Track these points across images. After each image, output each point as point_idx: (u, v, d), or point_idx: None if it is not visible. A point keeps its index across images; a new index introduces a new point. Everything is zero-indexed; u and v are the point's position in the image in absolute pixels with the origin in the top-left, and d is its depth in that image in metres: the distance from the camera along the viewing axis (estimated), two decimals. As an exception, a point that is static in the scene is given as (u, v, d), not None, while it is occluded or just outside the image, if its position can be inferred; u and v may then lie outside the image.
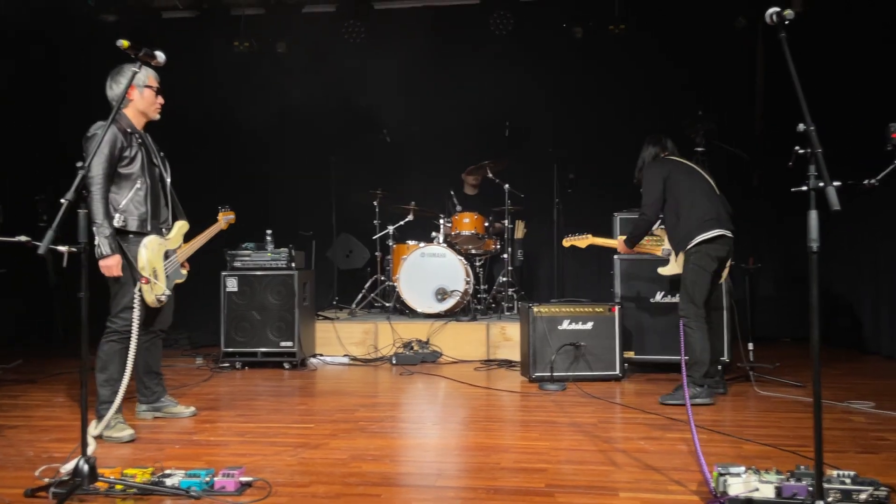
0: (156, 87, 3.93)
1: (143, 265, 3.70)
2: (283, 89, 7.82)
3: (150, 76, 3.89)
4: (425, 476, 3.07)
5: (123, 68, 3.76)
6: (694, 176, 4.68)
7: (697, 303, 4.45)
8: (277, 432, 3.82)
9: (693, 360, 4.42)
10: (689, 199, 4.54)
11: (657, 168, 4.70)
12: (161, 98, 3.96)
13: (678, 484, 2.88)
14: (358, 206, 7.58)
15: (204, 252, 4.33)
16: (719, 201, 4.61)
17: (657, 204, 4.64)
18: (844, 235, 6.78)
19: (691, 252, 4.49)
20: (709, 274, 4.46)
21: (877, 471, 2.98)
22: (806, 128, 2.19)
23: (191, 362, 6.24)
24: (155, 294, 3.77)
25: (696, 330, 4.44)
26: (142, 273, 3.69)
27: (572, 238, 5.25)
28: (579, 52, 7.63)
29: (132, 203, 3.75)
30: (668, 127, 7.16)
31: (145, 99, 3.88)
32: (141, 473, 2.83)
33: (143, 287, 3.68)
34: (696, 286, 4.45)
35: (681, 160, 4.75)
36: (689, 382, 4.34)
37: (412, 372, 5.68)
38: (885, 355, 6.07)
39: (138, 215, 3.76)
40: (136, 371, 4.08)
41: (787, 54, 2.35)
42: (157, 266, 3.80)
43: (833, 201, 2.06)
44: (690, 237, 4.47)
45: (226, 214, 4.65)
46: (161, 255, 3.86)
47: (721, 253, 4.48)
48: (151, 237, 3.79)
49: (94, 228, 3.54)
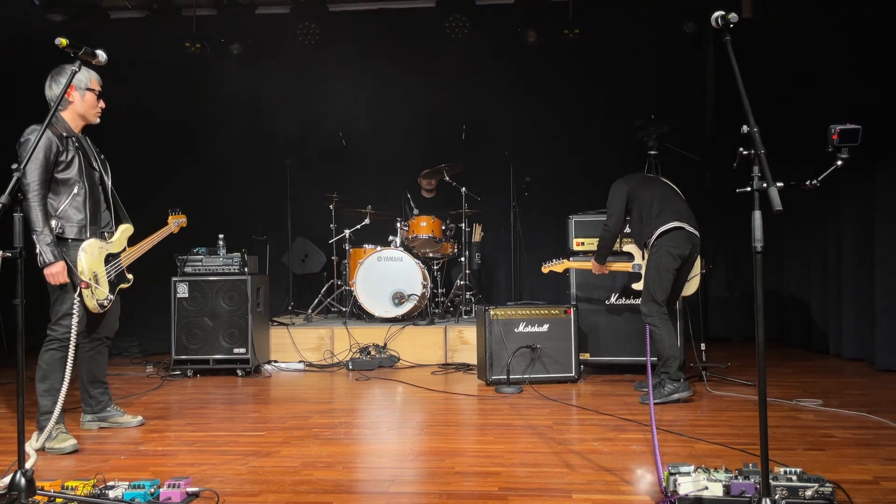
0: (98, 90, 3.82)
1: (82, 270, 3.59)
2: (236, 91, 7.70)
3: (93, 79, 3.79)
4: (379, 482, 3.03)
5: (64, 68, 3.65)
6: (655, 183, 4.91)
7: (659, 300, 4.57)
8: (228, 441, 3.73)
9: (664, 356, 4.54)
10: (649, 203, 4.72)
11: (621, 184, 4.89)
12: (102, 102, 3.85)
13: (630, 484, 2.89)
14: (314, 209, 7.50)
15: (154, 257, 4.22)
16: (681, 202, 4.76)
17: (618, 215, 4.82)
18: (795, 236, 6.94)
19: (653, 251, 4.62)
20: (670, 273, 4.57)
21: (823, 467, 3.04)
22: (749, 129, 2.21)
23: (141, 370, 6.08)
24: (96, 299, 3.66)
25: (660, 327, 4.55)
26: (81, 278, 3.57)
27: (550, 264, 5.35)
28: (535, 57, 7.68)
29: (70, 209, 3.65)
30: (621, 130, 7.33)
31: (86, 102, 3.77)
32: (83, 486, 2.73)
33: (83, 292, 3.56)
34: (657, 284, 4.57)
35: (645, 175, 4.92)
36: (666, 378, 4.49)
37: (369, 377, 5.63)
38: (834, 354, 6.21)
39: (77, 221, 3.65)
40: (81, 380, 3.98)
41: (732, 57, 2.38)
42: (97, 270, 3.68)
43: (775, 202, 2.08)
44: (651, 231, 4.63)
45: (176, 218, 4.53)
46: (102, 259, 3.74)
47: (683, 250, 4.57)
48: (91, 241, 3.68)
49: (34, 237, 3.43)
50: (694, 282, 4.87)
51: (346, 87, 7.62)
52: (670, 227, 4.57)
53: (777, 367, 5.70)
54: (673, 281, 4.61)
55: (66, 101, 3.72)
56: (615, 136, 7.58)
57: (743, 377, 5.21)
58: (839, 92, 5.93)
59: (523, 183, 7.35)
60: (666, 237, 4.58)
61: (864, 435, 3.63)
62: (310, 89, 7.73)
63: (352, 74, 7.64)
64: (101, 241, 3.77)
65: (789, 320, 7.12)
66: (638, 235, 4.83)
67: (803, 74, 6.53)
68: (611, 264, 5.08)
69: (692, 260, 4.71)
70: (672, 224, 4.57)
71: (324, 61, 7.75)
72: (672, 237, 4.57)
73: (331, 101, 7.66)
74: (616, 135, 7.55)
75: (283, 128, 7.89)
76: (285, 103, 7.75)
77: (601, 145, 7.71)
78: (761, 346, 2.17)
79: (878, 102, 5.48)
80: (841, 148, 2.33)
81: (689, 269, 4.75)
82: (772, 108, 6.59)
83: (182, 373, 5.80)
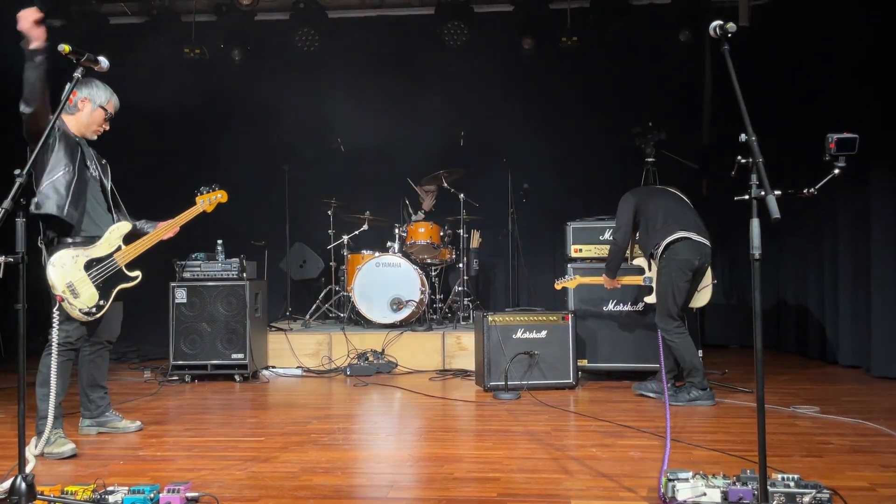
0: (110, 113, 3.88)
1: (52, 284, 3.52)
2: (235, 97, 7.72)
3: (112, 101, 3.88)
4: (377, 488, 3.04)
5: (93, 81, 3.78)
6: (663, 194, 4.93)
7: (673, 315, 4.62)
8: (227, 446, 3.74)
9: (687, 368, 4.60)
10: (655, 214, 4.75)
11: (629, 197, 4.93)
12: (108, 126, 3.91)
13: (629, 490, 2.90)
14: (312, 215, 7.51)
15: (152, 262, 4.13)
16: (690, 213, 4.79)
17: (625, 229, 4.86)
18: (792, 243, 6.97)
19: (662, 264, 4.65)
20: (682, 286, 4.60)
21: (820, 474, 3.05)
22: (747, 138, 2.23)
23: (138, 376, 6.08)
24: (78, 309, 3.59)
25: (678, 341, 4.60)
26: (54, 292, 3.51)
27: (563, 281, 5.38)
28: (533, 64, 7.70)
29: (52, 186, 3.56)
30: (618, 138, 7.36)
31: (93, 117, 3.82)
32: (82, 491, 2.73)
33: (62, 305, 3.53)
34: (671, 300, 4.60)
35: (653, 186, 4.95)
36: (691, 387, 4.58)
37: (367, 383, 5.63)
38: (830, 361, 6.23)
39: (55, 200, 3.55)
40: (81, 384, 3.98)
41: (730, 66, 2.40)
42: (73, 280, 3.58)
43: (773, 210, 2.10)
44: (656, 242, 4.66)
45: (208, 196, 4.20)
46: (78, 266, 3.61)
47: (693, 262, 4.59)
48: (60, 253, 3.58)
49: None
50: (705, 293, 4.87)
51: (344, 92, 7.63)
52: (676, 238, 4.58)
53: (774, 375, 5.71)
54: (686, 293, 4.64)
55: (75, 107, 3.77)
56: (613, 144, 7.63)
57: (740, 384, 5.23)
58: (835, 100, 5.98)
59: (521, 190, 7.37)
60: (672, 249, 4.59)
61: (860, 442, 3.64)
62: (309, 95, 7.75)
63: (350, 80, 7.66)
64: (76, 249, 3.64)
65: (786, 327, 7.14)
66: (645, 247, 4.85)
67: (799, 81, 6.58)
68: (621, 278, 5.11)
69: (703, 271, 4.72)
70: (678, 234, 4.58)
71: (323, 67, 7.77)
72: (679, 249, 4.58)
73: (330, 107, 7.67)
74: (614, 142, 7.59)
75: (282, 133, 7.91)
76: (284, 109, 7.76)
77: (599, 152, 7.75)
78: (759, 353, 2.19)
79: (873, 107, 5.52)
80: (838, 157, 2.35)
81: (699, 280, 4.76)
82: (768, 115, 6.63)
83: (180, 378, 5.80)
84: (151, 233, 4.00)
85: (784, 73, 6.79)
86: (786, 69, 6.78)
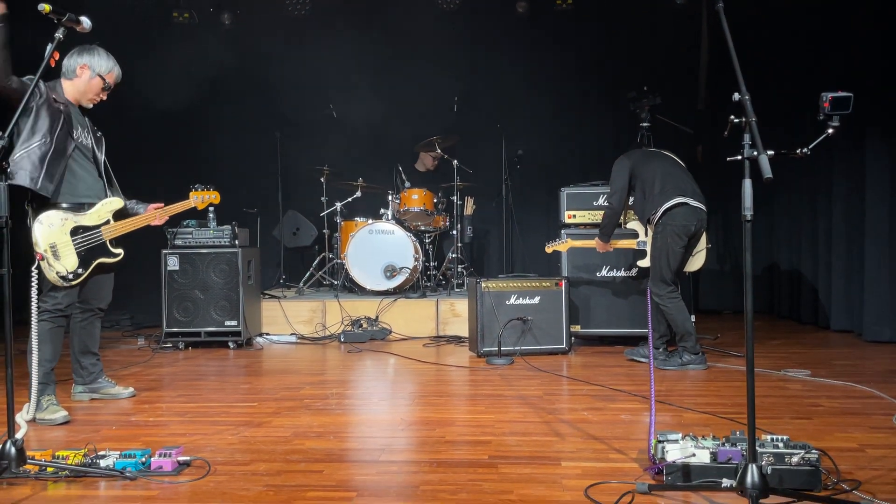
0: (109, 84, 3.82)
1: (36, 241, 3.48)
2: (226, 62, 7.60)
3: (113, 72, 3.82)
4: (369, 451, 3.05)
5: (95, 49, 3.73)
6: (658, 158, 4.88)
7: (667, 279, 4.63)
8: (219, 412, 3.75)
9: (678, 332, 4.62)
10: (652, 179, 4.71)
11: (623, 160, 4.90)
12: (105, 96, 3.85)
13: (619, 452, 2.92)
14: (304, 182, 7.46)
15: (144, 229, 4.09)
16: (686, 177, 4.76)
17: (621, 193, 4.84)
18: (786, 208, 6.96)
19: (658, 229, 4.63)
20: (677, 251, 4.59)
21: (809, 435, 3.07)
22: (741, 97, 2.20)
23: (132, 343, 6.08)
24: (56, 271, 3.55)
25: (671, 306, 4.62)
26: (35, 249, 3.47)
27: (554, 244, 5.35)
28: (527, 28, 7.60)
29: (26, 156, 3.45)
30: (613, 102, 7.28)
31: (90, 84, 3.76)
32: (73, 455, 2.74)
33: (41, 264, 3.49)
34: (665, 264, 4.60)
35: (648, 149, 4.91)
36: (683, 351, 4.62)
37: (360, 349, 5.64)
38: (823, 325, 6.26)
39: (28, 171, 3.44)
40: (72, 351, 3.97)
41: (724, 24, 2.35)
42: (56, 242, 3.55)
43: (765, 170, 2.07)
44: (654, 208, 4.64)
45: (202, 194, 4.35)
46: (65, 230, 3.58)
47: (689, 228, 4.59)
48: (50, 212, 3.54)
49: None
50: (699, 257, 4.87)
51: (337, 58, 7.54)
52: (674, 204, 4.56)
53: (766, 339, 5.74)
54: (681, 258, 4.63)
55: (73, 73, 3.71)
56: (607, 108, 7.56)
57: (733, 349, 5.26)
58: (830, 61, 5.92)
59: (515, 156, 7.33)
60: (670, 214, 4.58)
61: (850, 404, 3.66)
62: (300, 61, 7.64)
63: (343, 46, 7.54)
64: (66, 213, 3.61)
65: (779, 293, 7.17)
66: (641, 212, 4.83)
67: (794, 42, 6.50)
68: (615, 242, 5.08)
69: (698, 236, 4.72)
70: (676, 200, 4.56)
71: (315, 33, 7.66)
72: (676, 214, 4.57)
73: (322, 73, 7.58)
74: (608, 107, 7.52)
75: (274, 99, 7.81)
76: (276, 75, 7.65)
77: (593, 117, 7.69)
78: (750, 314, 2.18)
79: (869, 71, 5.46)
80: (832, 116, 2.31)
81: (694, 245, 4.75)
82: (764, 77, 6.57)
83: (173, 345, 5.80)
84: (141, 214, 3.97)
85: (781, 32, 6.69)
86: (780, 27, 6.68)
